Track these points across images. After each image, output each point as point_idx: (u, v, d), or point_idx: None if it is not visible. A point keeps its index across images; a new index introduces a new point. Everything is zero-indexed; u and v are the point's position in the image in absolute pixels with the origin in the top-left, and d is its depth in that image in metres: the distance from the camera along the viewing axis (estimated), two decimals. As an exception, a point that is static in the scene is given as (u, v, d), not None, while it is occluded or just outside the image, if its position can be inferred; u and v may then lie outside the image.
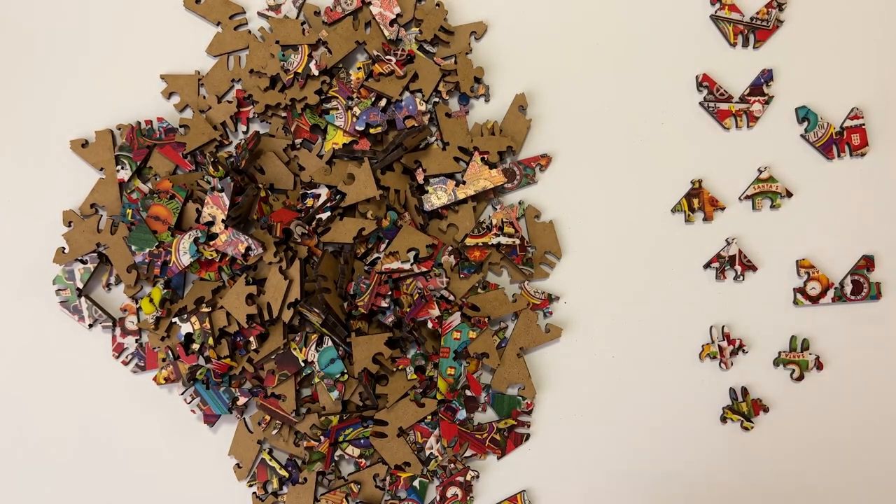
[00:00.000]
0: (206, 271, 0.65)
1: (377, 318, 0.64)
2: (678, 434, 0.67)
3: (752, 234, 0.68)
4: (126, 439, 0.68)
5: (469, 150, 0.67)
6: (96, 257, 0.67)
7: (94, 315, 0.67)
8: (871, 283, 0.68)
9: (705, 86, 0.69)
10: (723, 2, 0.69)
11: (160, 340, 0.65)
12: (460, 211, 0.67)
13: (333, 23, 0.69)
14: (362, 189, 0.65)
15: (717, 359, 0.67)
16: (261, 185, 0.66)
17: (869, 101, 0.69)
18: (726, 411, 0.67)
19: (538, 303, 0.67)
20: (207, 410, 0.66)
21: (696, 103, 0.69)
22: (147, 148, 0.68)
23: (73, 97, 0.70)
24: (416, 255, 0.64)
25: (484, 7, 0.70)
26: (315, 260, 0.65)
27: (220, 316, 0.64)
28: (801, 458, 0.67)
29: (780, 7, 0.69)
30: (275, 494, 0.66)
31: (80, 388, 0.68)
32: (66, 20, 0.71)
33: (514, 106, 0.69)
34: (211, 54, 0.70)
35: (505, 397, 0.67)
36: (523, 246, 0.67)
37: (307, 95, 0.67)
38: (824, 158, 0.69)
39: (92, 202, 0.68)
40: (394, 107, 0.67)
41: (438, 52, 0.69)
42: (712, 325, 0.67)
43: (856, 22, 0.70)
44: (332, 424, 0.65)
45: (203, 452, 0.67)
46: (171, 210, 0.65)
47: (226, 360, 0.64)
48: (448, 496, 0.66)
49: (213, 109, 0.68)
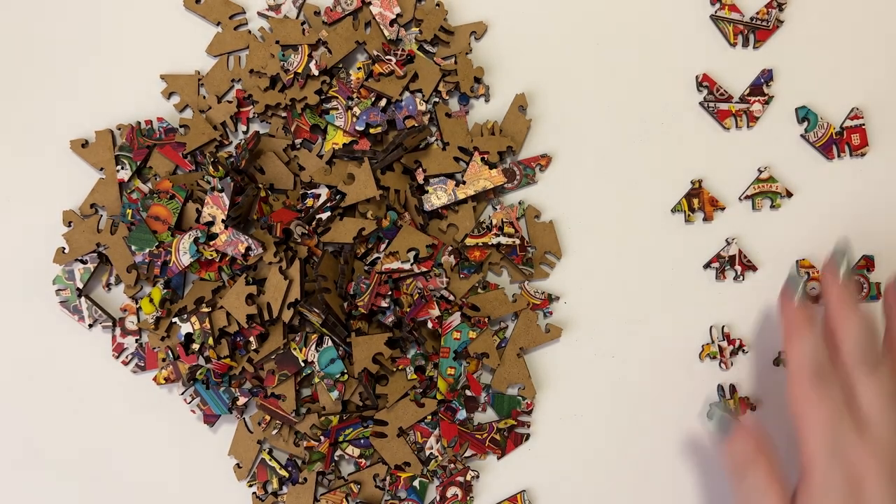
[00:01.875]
0: (206, 271, 0.65)
1: (377, 318, 0.64)
2: (679, 434, 0.67)
3: (753, 234, 0.68)
4: (126, 439, 0.68)
5: (469, 150, 0.67)
6: (96, 257, 0.67)
7: (94, 315, 0.67)
8: (871, 283, 0.68)
9: (705, 86, 0.69)
10: (723, 2, 0.70)
11: (160, 340, 0.65)
12: (460, 211, 0.67)
13: (333, 23, 0.69)
14: (362, 189, 0.65)
15: (717, 359, 0.67)
16: (261, 185, 0.66)
17: (869, 101, 0.69)
18: (713, 408, 0.67)
19: (538, 303, 0.67)
20: (207, 410, 0.66)
21: (696, 103, 0.69)
22: (147, 148, 0.68)
23: (72, 97, 0.70)
24: (416, 255, 0.64)
25: (484, 7, 0.70)
26: (315, 260, 0.65)
27: (220, 316, 0.64)
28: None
29: (780, 7, 0.69)
30: (275, 494, 0.66)
31: (80, 388, 0.68)
32: (66, 20, 0.71)
33: (514, 106, 0.69)
34: (211, 54, 0.70)
35: (505, 397, 0.67)
36: (523, 246, 0.67)
37: (307, 95, 0.67)
38: (824, 158, 0.69)
39: (92, 202, 0.68)
40: (394, 107, 0.67)
41: (438, 52, 0.69)
42: (712, 326, 0.68)
43: (856, 22, 0.70)
44: (332, 424, 0.65)
45: (203, 452, 0.67)
46: (171, 210, 0.65)
47: (226, 360, 0.64)
48: (448, 496, 0.66)
49: (213, 109, 0.68)
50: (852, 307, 0.57)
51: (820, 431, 0.54)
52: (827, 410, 0.54)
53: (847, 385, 0.56)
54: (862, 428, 0.54)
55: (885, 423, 0.54)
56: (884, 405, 0.54)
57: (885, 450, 0.54)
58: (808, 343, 0.56)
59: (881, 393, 0.55)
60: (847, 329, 0.57)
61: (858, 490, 0.53)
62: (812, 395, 0.55)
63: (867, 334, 0.57)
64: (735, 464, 0.57)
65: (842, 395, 0.55)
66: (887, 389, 0.55)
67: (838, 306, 0.58)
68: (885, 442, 0.54)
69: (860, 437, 0.54)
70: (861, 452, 0.53)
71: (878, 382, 0.55)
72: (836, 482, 0.53)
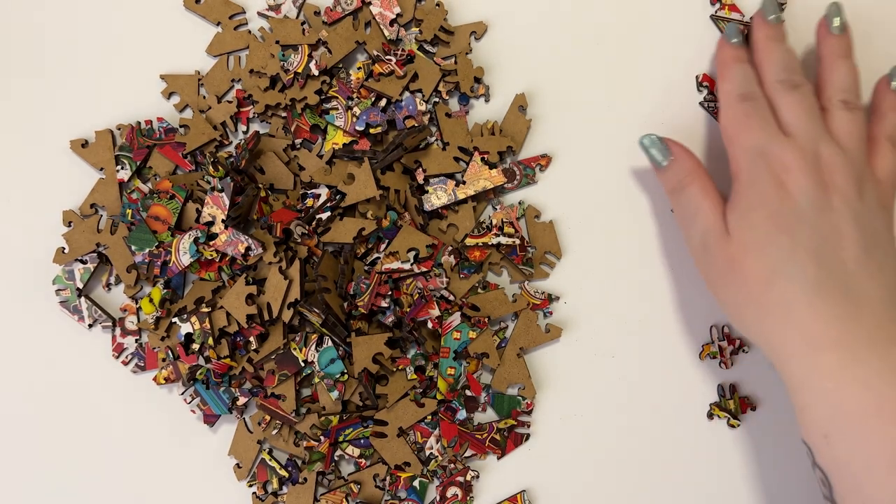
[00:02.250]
0: (205, 271, 0.65)
1: (377, 318, 0.64)
2: (679, 434, 0.67)
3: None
4: (126, 439, 0.68)
5: (469, 150, 0.67)
6: (96, 257, 0.67)
7: (94, 315, 0.67)
8: (872, 283, 0.68)
9: (705, 86, 0.69)
10: (723, 2, 0.70)
11: (160, 340, 0.65)
12: (460, 211, 0.67)
13: (333, 23, 0.69)
14: (362, 189, 0.65)
15: (717, 358, 0.67)
16: (261, 185, 0.66)
17: (869, 100, 0.69)
18: (713, 408, 0.67)
19: (538, 303, 0.67)
20: (207, 410, 0.66)
21: (695, 103, 0.69)
22: (147, 148, 0.68)
23: (73, 97, 0.70)
24: (416, 255, 0.64)
25: (484, 7, 0.70)
26: (315, 260, 0.65)
27: (220, 316, 0.64)
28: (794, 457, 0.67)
29: (781, 6, 0.69)
30: (275, 494, 0.66)
31: (80, 388, 0.68)
32: (66, 20, 0.71)
33: (514, 106, 0.69)
34: (211, 54, 0.70)
35: (505, 397, 0.67)
36: (523, 246, 0.67)
37: (307, 95, 0.67)
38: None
39: (92, 202, 0.68)
40: (394, 107, 0.67)
41: (438, 52, 0.69)
42: (713, 325, 0.68)
43: (856, 21, 0.70)
44: (332, 424, 0.65)
45: (203, 452, 0.67)
46: (171, 210, 0.65)
47: (226, 361, 0.64)
48: (448, 496, 0.66)
49: (213, 109, 0.68)
50: (777, 41, 0.62)
51: (747, 139, 0.59)
52: (755, 122, 0.59)
53: (772, 105, 0.60)
54: (785, 135, 0.58)
55: (806, 131, 0.58)
56: (804, 115, 0.59)
57: (806, 148, 0.57)
58: (738, 71, 0.62)
59: (802, 106, 0.59)
60: (770, 56, 0.62)
61: (783, 180, 0.57)
62: (740, 114, 0.60)
63: (789, 58, 0.62)
64: (673, 182, 0.62)
65: (768, 111, 0.60)
66: (808, 103, 0.59)
67: (764, 41, 0.62)
68: (807, 144, 0.57)
69: (784, 139, 0.58)
70: (784, 148, 0.57)
71: (799, 96, 0.59)
72: (761, 174, 0.57)
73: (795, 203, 0.56)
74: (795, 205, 0.55)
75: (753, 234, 0.56)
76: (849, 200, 0.56)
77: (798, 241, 0.55)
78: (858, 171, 0.57)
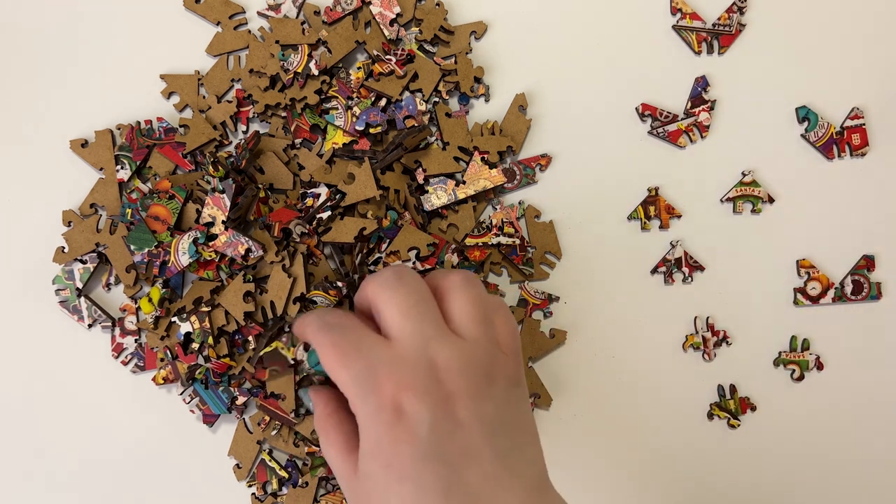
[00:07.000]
0: (204, 270, 0.65)
1: (377, 318, 0.64)
2: (679, 434, 0.67)
3: (753, 235, 0.68)
4: (125, 439, 0.68)
5: (469, 150, 0.67)
6: (96, 257, 0.67)
7: (93, 315, 0.67)
8: (872, 283, 0.68)
9: (648, 115, 0.68)
10: (683, 11, 0.69)
11: (159, 340, 0.65)
12: (460, 211, 0.67)
13: (333, 22, 0.69)
14: (362, 189, 0.65)
15: (700, 349, 0.67)
16: (261, 185, 0.66)
17: (869, 101, 0.69)
18: (713, 407, 0.67)
19: (538, 303, 0.67)
20: (207, 410, 0.66)
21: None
22: (147, 148, 0.68)
23: (72, 97, 0.70)
24: (416, 253, 0.64)
25: (484, 7, 0.70)
26: (315, 259, 0.65)
27: (220, 315, 0.63)
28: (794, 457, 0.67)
29: (741, 11, 0.69)
30: (274, 495, 0.66)
31: (79, 388, 0.68)
32: (66, 20, 0.71)
33: (514, 106, 0.69)
34: (211, 54, 0.70)
35: (505, 397, 0.66)
36: (523, 246, 0.67)
37: (307, 95, 0.67)
38: (824, 158, 0.69)
39: (92, 202, 0.68)
40: (394, 107, 0.67)
41: (438, 52, 0.69)
42: (696, 316, 0.67)
43: (856, 22, 0.70)
44: (331, 424, 0.64)
45: (202, 452, 0.67)
46: (171, 210, 0.65)
47: (225, 360, 0.64)
48: (448, 496, 0.65)
49: (213, 109, 0.68)
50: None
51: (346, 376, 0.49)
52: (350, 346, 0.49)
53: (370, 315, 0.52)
54: (385, 343, 0.49)
55: (409, 336, 0.49)
56: (403, 319, 0.49)
57: (410, 357, 0.48)
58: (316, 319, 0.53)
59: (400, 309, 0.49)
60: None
61: (399, 407, 0.47)
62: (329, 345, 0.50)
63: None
64: (318, 427, 0.52)
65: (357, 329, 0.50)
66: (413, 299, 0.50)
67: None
68: (410, 352, 0.48)
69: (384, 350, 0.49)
70: (386, 370, 0.48)
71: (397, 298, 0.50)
72: (371, 408, 0.48)
73: (414, 439, 0.46)
74: (415, 441, 0.46)
75: (374, 484, 0.48)
76: (477, 406, 0.47)
77: (423, 486, 0.46)
78: (484, 359, 0.49)
